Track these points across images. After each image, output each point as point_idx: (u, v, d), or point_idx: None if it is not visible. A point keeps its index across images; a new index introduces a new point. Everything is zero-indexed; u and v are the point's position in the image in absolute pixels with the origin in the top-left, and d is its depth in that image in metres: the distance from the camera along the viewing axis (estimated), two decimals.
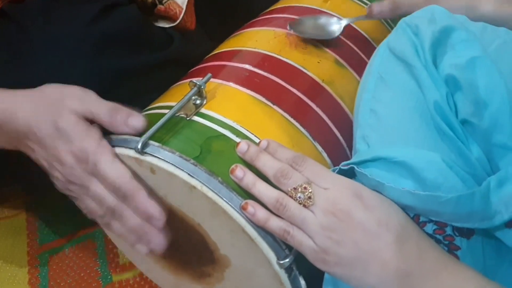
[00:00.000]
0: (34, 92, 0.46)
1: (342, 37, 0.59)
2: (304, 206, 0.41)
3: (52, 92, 0.46)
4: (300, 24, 0.58)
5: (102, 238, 0.77)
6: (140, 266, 0.67)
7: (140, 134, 0.45)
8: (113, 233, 0.62)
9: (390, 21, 0.66)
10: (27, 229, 0.83)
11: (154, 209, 0.44)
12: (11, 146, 0.48)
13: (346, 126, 0.52)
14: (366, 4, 0.66)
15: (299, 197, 0.41)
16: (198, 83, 0.48)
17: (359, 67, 0.56)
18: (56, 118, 0.44)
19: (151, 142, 0.45)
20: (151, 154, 0.44)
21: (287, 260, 0.43)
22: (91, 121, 0.46)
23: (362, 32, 0.61)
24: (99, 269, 0.74)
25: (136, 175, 0.46)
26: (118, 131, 0.46)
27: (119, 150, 0.46)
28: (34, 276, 0.75)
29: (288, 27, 0.57)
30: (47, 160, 0.46)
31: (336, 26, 0.58)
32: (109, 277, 0.72)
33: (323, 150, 0.50)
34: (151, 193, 0.46)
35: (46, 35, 0.52)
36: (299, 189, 0.42)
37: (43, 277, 0.75)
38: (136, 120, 0.46)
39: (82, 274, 0.74)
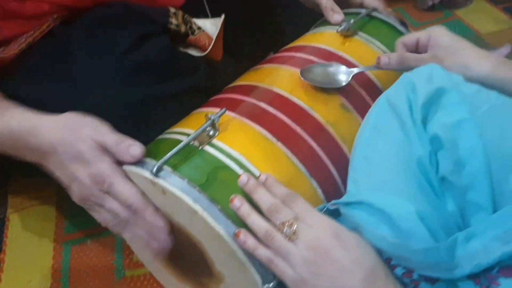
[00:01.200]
0: (58, 117, 0.54)
1: (352, 82, 0.64)
2: (290, 239, 0.47)
3: (73, 119, 0.54)
4: (310, 71, 0.63)
5: (121, 236, 0.85)
6: (149, 268, 0.74)
7: (157, 158, 0.52)
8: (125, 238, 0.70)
9: None
10: (56, 218, 0.92)
11: (159, 222, 0.52)
12: (34, 159, 0.56)
13: (344, 166, 0.57)
14: (382, 50, 0.70)
15: (286, 231, 0.47)
16: (212, 117, 0.54)
17: (365, 111, 0.60)
18: (77, 142, 0.51)
19: (165, 167, 0.51)
20: (163, 178, 0.51)
21: (271, 284, 0.49)
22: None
23: (372, 78, 0.66)
24: (114, 263, 0.82)
25: (147, 193, 0.53)
26: (122, 159, 0.53)
27: (136, 169, 0.53)
28: (57, 262, 0.84)
29: (299, 74, 0.62)
30: (66, 179, 0.54)
31: (344, 76, 0.63)
32: (123, 271, 0.80)
33: (318, 187, 0.56)
34: (158, 209, 0.53)
35: (87, 58, 0.60)
36: (287, 224, 0.47)
37: (65, 263, 0.83)
38: (134, 149, 0.52)
39: (99, 266, 0.81)
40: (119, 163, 0.53)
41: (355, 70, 0.64)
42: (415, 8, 1.34)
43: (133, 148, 0.52)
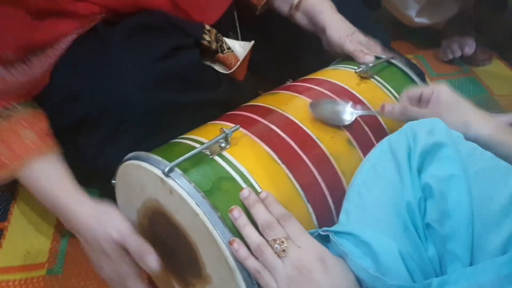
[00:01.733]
0: (92, 207, 0.62)
1: (360, 120, 0.68)
2: (278, 256, 0.51)
3: (102, 215, 0.61)
4: (318, 105, 0.68)
5: None
6: None
7: (169, 159, 0.57)
8: None
9: None
10: None
11: None
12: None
13: (340, 197, 0.61)
14: (394, 96, 0.75)
15: (276, 248, 0.51)
16: (226, 131, 0.59)
17: (368, 150, 0.65)
18: (101, 239, 0.60)
19: (176, 168, 0.56)
20: (173, 179, 0.55)
21: None
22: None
23: (380, 120, 0.70)
24: None
25: (155, 190, 0.58)
26: (138, 263, 0.60)
27: (150, 167, 0.57)
28: (56, 239, 0.88)
29: (308, 106, 0.67)
30: (94, 260, 0.64)
31: (349, 116, 0.67)
32: None
33: (313, 212, 0.60)
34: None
35: (122, 58, 0.64)
36: (278, 241, 0.52)
37: (64, 242, 0.88)
38: (150, 261, 0.58)
39: None
40: None
41: (359, 113, 0.68)
42: (435, 58, 1.38)
43: (150, 259, 0.58)
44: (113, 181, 0.68)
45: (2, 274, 0.82)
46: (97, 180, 0.80)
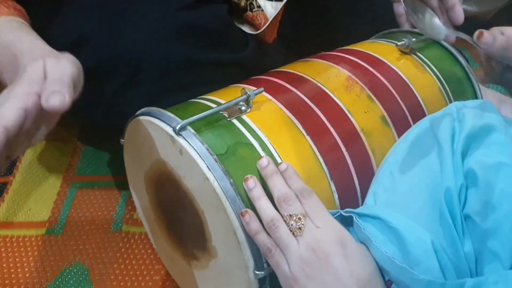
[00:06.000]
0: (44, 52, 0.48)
1: (398, 99, 0.61)
2: (293, 234, 0.45)
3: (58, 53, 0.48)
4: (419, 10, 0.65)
5: (128, 191, 0.84)
6: (147, 228, 0.73)
7: (182, 118, 0.51)
8: (134, 192, 0.69)
9: (452, 97, 0.67)
10: (71, 157, 0.92)
11: None
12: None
13: (367, 178, 0.55)
14: (436, 75, 0.67)
15: (291, 225, 0.45)
16: (248, 92, 0.53)
17: (403, 130, 0.58)
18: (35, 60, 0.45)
19: (189, 127, 0.50)
20: (184, 138, 0.49)
21: (262, 272, 0.47)
22: None
23: (420, 101, 0.63)
24: (114, 215, 0.81)
25: (164, 150, 0.52)
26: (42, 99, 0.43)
27: (160, 123, 0.52)
28: (60, 198, 0.84)
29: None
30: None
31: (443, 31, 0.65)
32: (120, 225, 0.80)
33: (335, 191, 0.54)
34: None
35: (142, 3, 0.59)
36: (294, 218, 0.46)
37: (68, 202, 0.83)
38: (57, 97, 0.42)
39: (99, 213, 0.81)
40: None
41: (455, 33, 0.64)
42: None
43: (59, 95, 0.42)
44: (122, 140, 0.63)
45: (0, 229, 0.78)
46: (108, 139, 0.76)
